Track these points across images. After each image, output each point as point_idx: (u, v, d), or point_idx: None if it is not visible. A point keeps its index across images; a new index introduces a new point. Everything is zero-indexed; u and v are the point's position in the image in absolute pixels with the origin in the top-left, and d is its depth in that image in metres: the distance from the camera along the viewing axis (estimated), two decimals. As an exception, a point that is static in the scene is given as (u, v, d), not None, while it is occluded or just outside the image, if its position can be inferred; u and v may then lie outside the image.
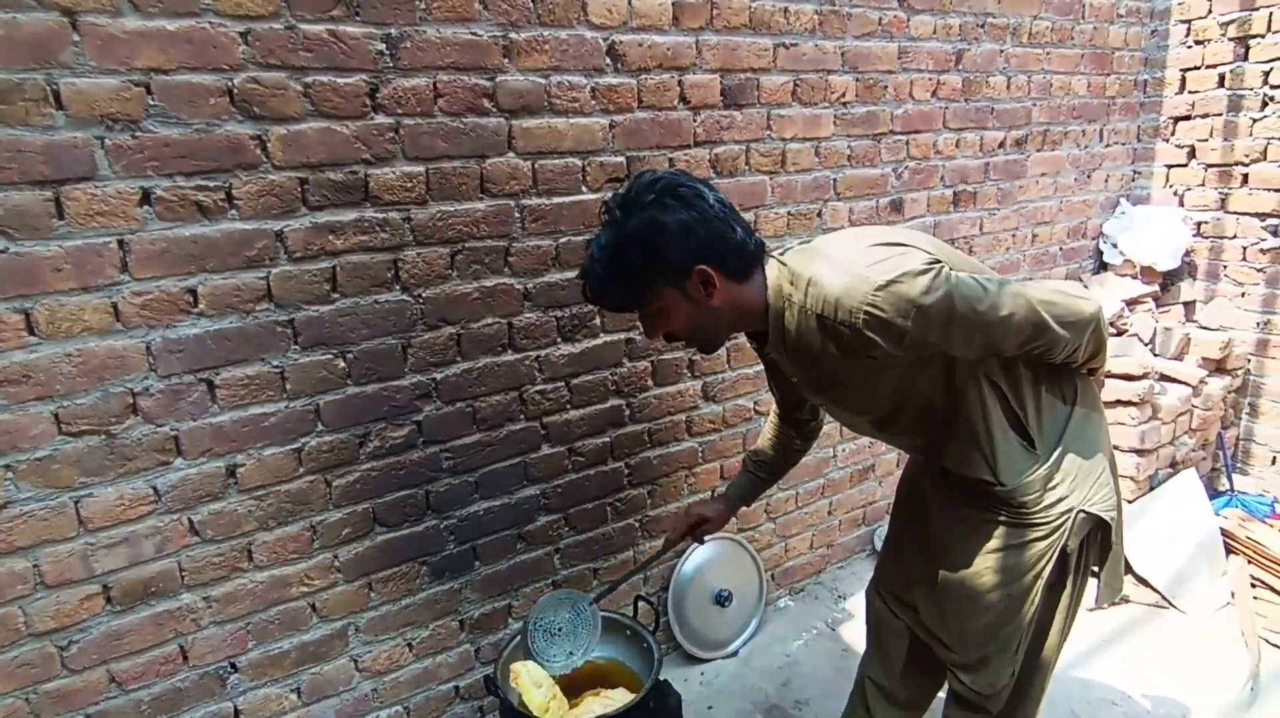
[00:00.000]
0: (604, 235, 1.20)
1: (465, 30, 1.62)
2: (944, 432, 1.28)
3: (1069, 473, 1.27)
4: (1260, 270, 2.97)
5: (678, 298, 1.20)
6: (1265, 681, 2.13)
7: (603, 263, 1.19)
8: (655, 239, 1.15)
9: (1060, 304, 1.18)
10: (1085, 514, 1.27)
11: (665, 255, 1.15)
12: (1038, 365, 1.28)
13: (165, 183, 1.38)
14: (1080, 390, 1.33)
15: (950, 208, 2.65)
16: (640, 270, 1.17)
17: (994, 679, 1.37)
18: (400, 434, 1.72)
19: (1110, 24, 2.95)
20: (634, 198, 1.17)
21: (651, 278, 1.18)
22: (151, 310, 1.41)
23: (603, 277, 1.20)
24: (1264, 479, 3.06)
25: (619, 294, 1.22)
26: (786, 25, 2.11)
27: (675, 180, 1.18)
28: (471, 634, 1.95)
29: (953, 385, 1.24)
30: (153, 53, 1.32)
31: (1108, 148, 3.13)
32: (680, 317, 1.22)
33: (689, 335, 1.27)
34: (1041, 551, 1.28)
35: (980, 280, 1.13)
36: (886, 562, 1.61)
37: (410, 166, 1.62)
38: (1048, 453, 1.26)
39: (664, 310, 1.22)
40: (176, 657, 1.55)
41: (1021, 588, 1.30)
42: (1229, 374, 2.98)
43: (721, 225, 1.17)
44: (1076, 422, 1.30)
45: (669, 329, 1.25)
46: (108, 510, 1.43)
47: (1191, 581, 2.49)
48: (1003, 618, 1.33)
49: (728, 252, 1.18)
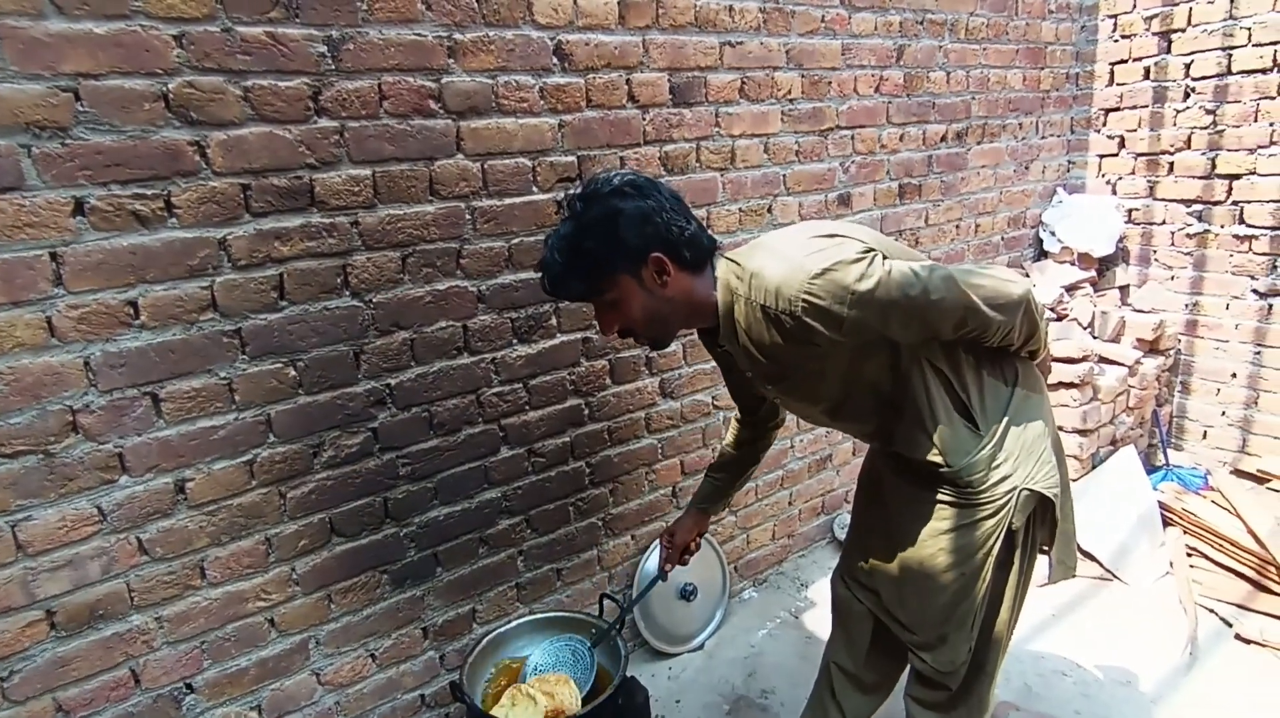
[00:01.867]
0: (563, 228, 1.25)
1: (409, 31, 1.61)
2: (892, 416, 1.33)
3: (1011, 452, 1.32)
4: (1187, 254, 3.12)
5: (633, 286, 1.24)
6: (1202, 644, 2.25)
7: (562, 252, 1.22)
8: (613, 225, 1.20)
9: (989, 287, 1.23)
10: (1029, 492, 1.31)
11: (623, 240, 1.20)
12: (978, 350, 1.32)
13: (99, 192, 1.33)
14: (1021, 373, 1.38)
15: (896, 201, 2.71)
16: (599, 257, 1.21)
17: (953, 657, 1.42)
18: (355, 442, 1.70)
19: (1042, 20, 3.06)
20: (593, 191, 1.23)
21: (610, 264, 1.22)
22: (89, 324, 1.36)
23: (562, 264, 1.23)
24: (1196, 453, 3.21)
25: (578, 282, 1.25)
26: (732, 24, 2.14)
27: (631, 176, 1.25)
28: (436, 641, 1.93)
29: (898, 371, 1.28)
30: (80, 57, 1.28)
31: (1044, 139, 3.24)
32: (635, 306, 1.25)
33: (644, 327, 1.29)
34: (989, 529, 1.32)
35: (913, 268, 1.18)
36: (850, 548, 1.64)
37: (356, 170, 1.59)
38: (991, 433, 1.31)
39: (619, 301, 1.25)
40: (128, 681, 1.50)
41: (973, 567, 1.35)
42: (1162, 354, 3.12)
43: (675, 216, 1.23)
44: (1018, 403, 1.35)
45: (624, 320, 1.28)
46: (49, 533, 1.38)
47: (1132, 552, 2.60)
48: (958, 596, 1.37)
49: (681, 241, 1.23)
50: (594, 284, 1.24)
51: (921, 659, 1.47)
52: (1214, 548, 2.55)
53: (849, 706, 1.67)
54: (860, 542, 1.60)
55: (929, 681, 1.50)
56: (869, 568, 1.54)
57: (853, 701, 1.67)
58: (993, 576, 1.36)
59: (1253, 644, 2.22)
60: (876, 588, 1.54)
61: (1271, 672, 2.13)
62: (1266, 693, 2.05)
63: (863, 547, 1.57)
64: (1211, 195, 3.00)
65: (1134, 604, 2.45)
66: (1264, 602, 2.33)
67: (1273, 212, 2.84)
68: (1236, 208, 2.94)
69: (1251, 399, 3.03)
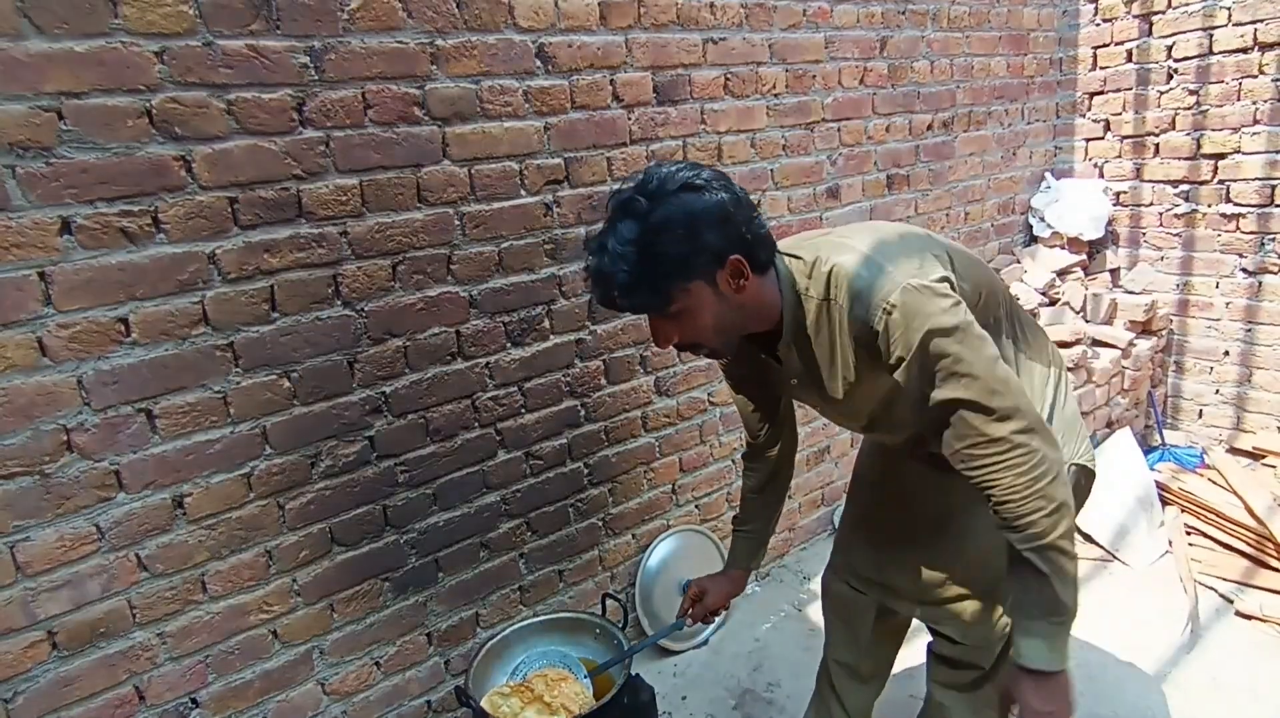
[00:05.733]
0: (625, 228, 1.06)
1: (391, 39, 1.61)
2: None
3: (1059, 431, 1.32)
4: (1176, 235, 3.13)
5: (707, 294, 1.09)
6: (1203, 621, 2.26)
7: (627, 258, 1.05)
8: (694, 223, 1.05)
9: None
10: (1076, 466, 1.33)
11: (704, 241, 1.06)
12: (1015, 334, 1.33)
13: (86, 210, 1.33)
14: (1051, 352, 1.40)
15: (885, 192, 2.72)
16: (675, 260, 1.05)
17: (988, 632, 1.41)
18: (352, 451, 1.70)
19: (1024, 6, 3.07)
20: (660, 186, 1.07)
21: (687, 270, 1.07)
22: (81, 343, 1.36)
23: (629, 272, 1.05)
24: (1192, 432, 3.23)
25: (647, 293, 1.07)
26: (714, 20, 2.14)
27: (697, 167, 1.11)
28: (440, 647, 1.94)
29: None
30: (62, 76, 1.28)
31: (1030, 125, 3.25)
32: (706, 316, 1.11)
33: (712, 338, 1.14)
34: None
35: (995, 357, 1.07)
36: (848, 545, 1.62)
37: (343, 179, 1.59)
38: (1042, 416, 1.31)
39: (689, 310, 1.10)
40: (132, 698, 1.50)
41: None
42: (1155, 335, 3.14)
43: (751, 211, 1.11)
44: (1055, 381, 1.37)
45: (690, 333, 1.13)
46: (47, 553, 1.38)
47: (1132, 533, 2.61)
48: (1002, 572, 1.35)
49: (757, 241, 1.11)
50: (666, 294, 1.07)
51: (952, 642, 1.46)
52: (1212, 526, 2.57)
53: (850, 700, 1.67)
54: (867, 537, 1.57)
55: (957, 662, 1.49)
56: (876, 561, 1.53)
57: (853, 694, 1.67)
58: None
59: (1253, 620, 2.23)
60: (885, 580, 1.52)
61: (1272, 647, 2.14)
62: (1267, 668, 2.06)
63: (872, 542, 1.55)
64: (1198, 175, 3.01)
65: (1134, 584, 2.46)
66: (1263, 578, 2.35)
67: (1258, 189, 2.85)
68: (1223, 187, 2.95)
69: (1244, 377, 3.04)
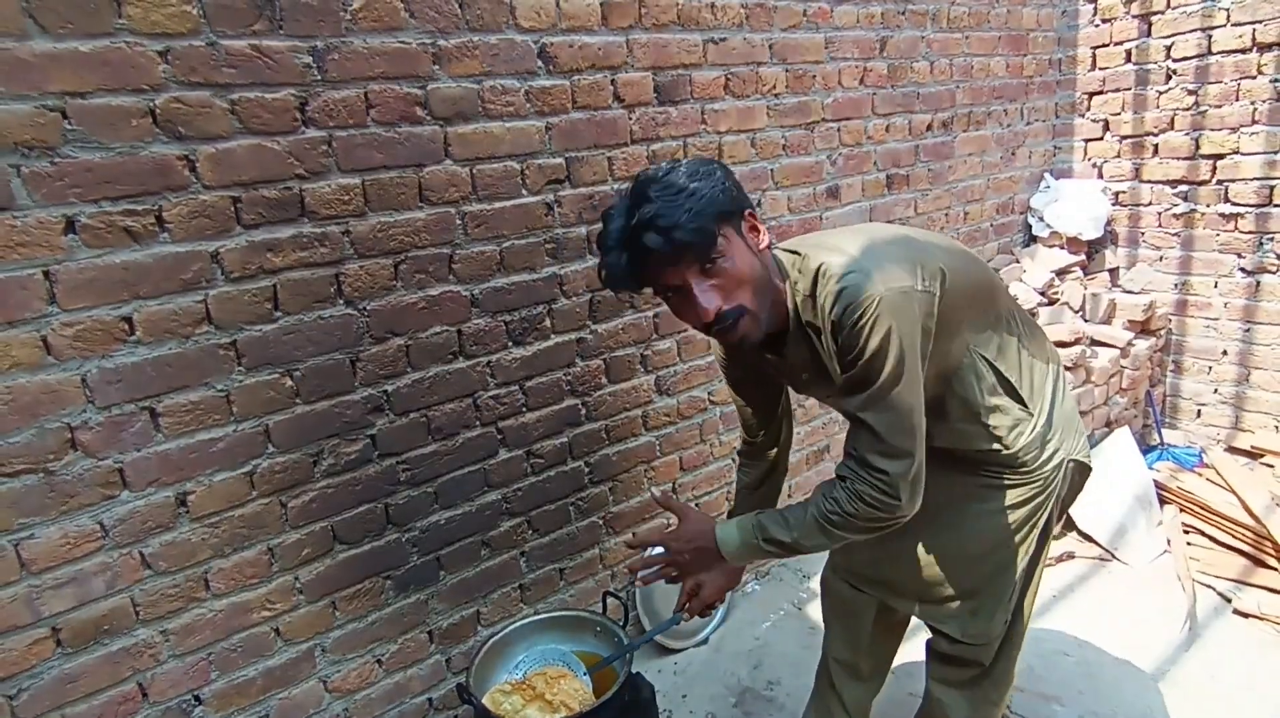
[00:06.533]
0: (665, 185, 1.11)
1: (393, 39, 1.61)
2: (938, 414, 1.30)
3: (1058, 427, 1.35)
4: (1175, 235, 3.14)
5: (739, 243, 1.15)
6: (1201, 620, 2.27)
7: (669, 198, 1.09)
8: (714, 174, 1.14)
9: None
10: (1074, 462, 1.35)
11: (726, 188, 1.13)
12: (1019, 331, 1.35)
13: (90, 209, 1.34)
14: (1049, 350, 1.42)
15: (885, 191, 2.72)
16: (707, 199, 1.10)
17: (988, 630, 1.43)
18: (354, 449, 1.71)
19: (1023, 6, 3.08)
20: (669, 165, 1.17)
21: (723, 211, 1.12)
22: (85, 341, 1.36)
23: (675, 205, 1.08)
24: (1190, 432, 3.24)
25: (698, 231, 1.08)
26: (715, 21, 2.15)
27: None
28: (442, 645, 1.94)
29: (946, 371, 1.28)
30: (66, 76, 1.28)
31: (1029, 125, 3.26)
32: (744, 266, 1.13)
33: (750, 297, 1.15)
34: (1041, 502, 1.35)
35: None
36: (849, 545, 1.63)
37: (346, 179, 1.60)
38: (1040, 410, 1.33)
39: (729, 257, 1.12)
40: (135, 695, 1.51)
41: (1020, 541, 1.37)
42: (1153, 335, 3.15)
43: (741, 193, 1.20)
44: (1053, 377, 1.38)
45: (734, 288, 1.13)
46: (51, 551, 1.38)
47: (1130, 532, 2.62)
48: (1001, 571, 1.39)
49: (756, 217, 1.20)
50: (713, 233, 1.10)
51: (951, 639, 1.47)
52: (1210, 525, 2.58)
53: (850, 698, 1.68)
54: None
55: (956, 659, 1.50)
56: (874, 559, 1.54)
57: (853, 692, 1.68)
58: (1035, 547, 1.39)
59: (1251, 618, 2.24)
60: (884, 578, 1.53)
61: (1270, 645, 2.15)
62: (1265, 666, 2.07)
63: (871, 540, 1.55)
64: (1196, 175, 3.02)
65: (1133, 583, 2.47)
66: (1261, 576, 2.36)
67: (1256, 189, 2.86)
68: (1221, 187, 2.96)
69: (1243, 376, 3.05)
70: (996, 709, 1.54)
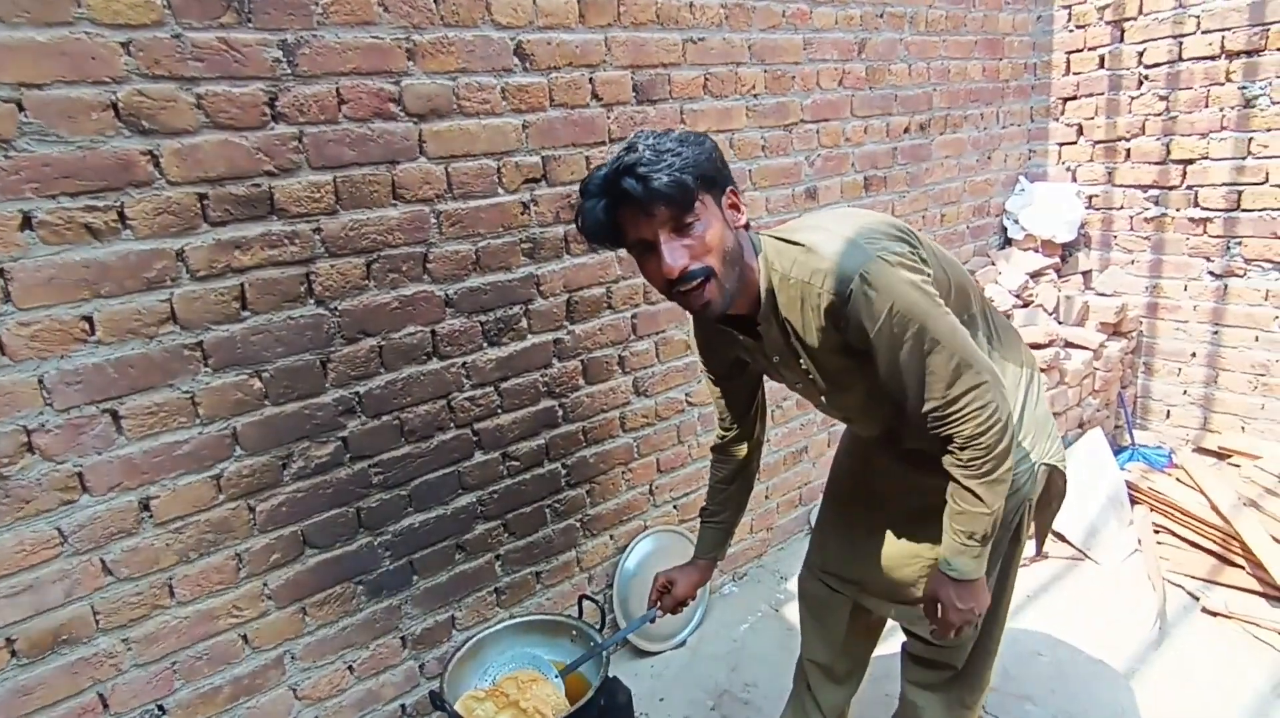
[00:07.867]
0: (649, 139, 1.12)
1: (366, 34, 1.58)
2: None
3: (1029, 430, 1.35)
4: (1146, 239, 3.19)
5: (716, 212, 1.14)
6: (1171, 619, 2.30)
7: (656, 152, 1.09)
8: (704, 143, 1.13)
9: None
10: (1045, 466, 1.35)
11: (713, 158, 1.13)
12: (990, 333, 1.35)
13: (48, 205, 1.29)
14: (1024, 353, 1.42)
15: (862, 193, 2.73)
16: (700, 165, 1.10)
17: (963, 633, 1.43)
18: (325, 452, 1.67)
19: (999, 11, 3.10)
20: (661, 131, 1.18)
21: (706, 178, 1.11)
22: (42, 341, 1.32)
23: (659, 158, 1.08)
24: (1161, 433, 3.29)
25: (681, 185, 1.08)
26: (694, 20, 2.14)
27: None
28: (415, 650, 1.91)
29: None
30: (22, 66, 1.24)
31: (1005, 129, 3.29)
32: (715, 231, 1.12)
33: (718, 260, 1.13)
34: (1013, 506, 1.34)
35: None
36: (824, 544, 1.63)
37: (317, 176, 1.57)
38: (1014, 415, 1.33)
39: (703, 220, 1.12)
40: (95, 706, 1.47)
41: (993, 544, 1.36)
42: (1125, 337, 3.19)
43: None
44: (1026, 381, 1.38)
45: (702, 247, 1.12)
46: (6, 558, 1.34)
47: (1102, 532, 2.66)
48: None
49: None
50: (693, 192, 1.09)
51: (925, 642, 1.47)
52: (1180, 524, 2.62)
53: (826, 700, 1.67)
54: (842, 535, 1.58)
55: (930, 662, 1.50)
56: (851, 560, 1.54)
57: (829, 693, 1.68)
58: (1005, 551, 1.39)
59: (1219, 617, 2.28)
60: (859, 578, 1.53)
61: (1237, 643, 2.19)
62: (1233, 664, 2.11)
63: (846, 540, 1.56)
64: (1167, 180, 3.07)
65: (1104, 582, 2.50)
66: (1229, 575, 2.39)
67: (1224, 194, 2.91)
68: (1191, 192, 3.01)
69: (1211, 378, 3.10)
70: (971, 713, 1.54)
